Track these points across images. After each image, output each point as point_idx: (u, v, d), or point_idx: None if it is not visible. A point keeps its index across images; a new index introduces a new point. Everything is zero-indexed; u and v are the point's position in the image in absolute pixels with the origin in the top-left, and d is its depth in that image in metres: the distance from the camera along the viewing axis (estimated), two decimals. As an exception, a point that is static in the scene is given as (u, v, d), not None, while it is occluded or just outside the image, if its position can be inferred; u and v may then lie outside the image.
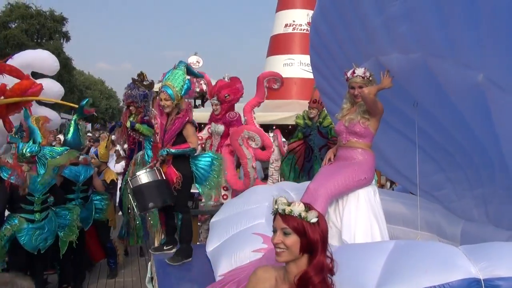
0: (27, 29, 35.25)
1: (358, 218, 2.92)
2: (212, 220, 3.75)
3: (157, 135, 3.70)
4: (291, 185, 4.29)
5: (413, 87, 3.12)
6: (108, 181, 5.50)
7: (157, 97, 3.67)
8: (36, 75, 6.23)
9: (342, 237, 2.91)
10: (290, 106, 9.99)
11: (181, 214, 3.61)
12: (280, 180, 5.57)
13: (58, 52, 35.69)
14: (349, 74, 3.03)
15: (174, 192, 3.48)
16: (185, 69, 3.70)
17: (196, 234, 4.76)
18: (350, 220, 2.92)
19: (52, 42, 36.28)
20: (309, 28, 11.27)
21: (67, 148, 4.34)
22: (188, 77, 3.69)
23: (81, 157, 4.79)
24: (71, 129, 4.71)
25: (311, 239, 1.56)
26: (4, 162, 4.07)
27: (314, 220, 1.57)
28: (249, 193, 3.93)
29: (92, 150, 6.48)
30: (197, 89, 12.73)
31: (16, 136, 4.44)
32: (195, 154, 3.64)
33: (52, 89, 6.09)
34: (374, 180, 3.27)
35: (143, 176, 3.52)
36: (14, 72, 4.74)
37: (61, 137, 8.66)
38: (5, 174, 3.90)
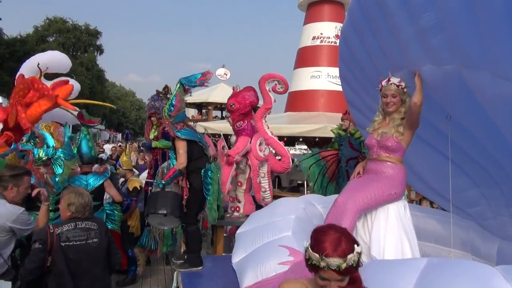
0: (64, 42, 36.78)
1: (388, 233, 2.83)
2: (238, 231, 3.73)
3: None
4: (317, 198, 4.23)
5: (446, 100, 3.04)
6: (130, 189, 5.61)
7: None
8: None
9: (371, 252, 2.83)
10: (317, 118, 9.93)
11: (188, 226, 3.71)
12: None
13: (92, 65, 37.12)
14: (384, 82, 2.98)
15: (184, 208, 3.63)
16: (180, 86, 3.87)
17: (221, 244, 4.76)
18: (379, 235, 2.84)
19: (87, 55, 37.72)
20: (337, 41, 11.29)
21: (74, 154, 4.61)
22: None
23: (95, 166, 4.92)
24: (83, 140, 4.83)
25: (355, 276, 1.62)
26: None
27: (359, 250, 1.58)
28: (275, 205, 3.90)
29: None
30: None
31: (29, 143, 4.78)
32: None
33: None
34: (404, 195, 3.18)
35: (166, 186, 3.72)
36: (44, 90, 4.90)
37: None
38: None
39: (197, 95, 19.28)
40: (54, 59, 7.08)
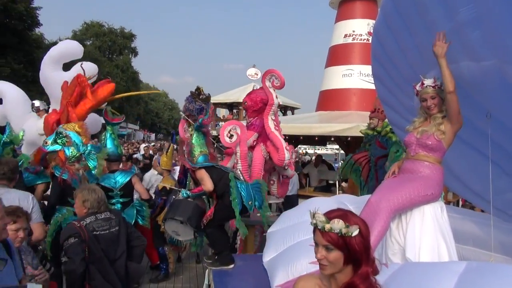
0: (100, 45, 38.02)
1: (424, 235, 2.74)
2: (269, 230, 3.74)
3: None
4: (350, 198, 4.16)
5: (485, 97, 2.91)
6: (159, 188, 5.79)
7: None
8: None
9: (405, 255, 2.75)
10: (349, 117, 9.77)
11: (206, 230, 3.78)
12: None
13: (127, 66, 38.22)
14: (418, 87, 2.88)
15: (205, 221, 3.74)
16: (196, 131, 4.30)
17: (252, 243, 4.78)
18: (415, 237, 2.75)
19: (122, 57, 38.84)
20: (369, 38, 11.05)
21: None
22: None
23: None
24: (108, 139, 4.95)
25: (354, 252, 1.56)
26: (57, 162, 4.50)
27: (356, 233, 1.55)
28: (306, 204, 3.87)
29: (156, 157, 6.86)
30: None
31: (56, 144, 4.80)
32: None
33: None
34: (441, 196, 3.07)
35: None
36: (85, 84, 5.15)
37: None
38: (57, 172, 4.36)
39: (228, 95, 19.48)
40: (68, 47, 7.57)
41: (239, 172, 4.60)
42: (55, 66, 7.51)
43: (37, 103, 8.06)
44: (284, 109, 21.10)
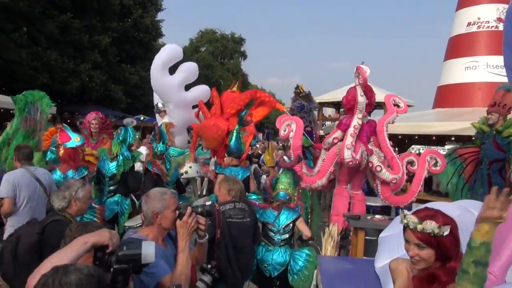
0: (213, 51, 40.64)
1: None
2: (381, 235, 3.54)
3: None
4: (476, 204, 3.72)
5: None
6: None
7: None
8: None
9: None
10: (471, 115, 8.74)
11: None
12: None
13: (237, 69, 40.17)
14: None
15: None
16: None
17: (362, 247, 4.60)
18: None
19: (232, 61, 40.98)
20: (499, 25, 9.76)
21: (186, 150, 5.33)
22: None
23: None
24: (233, 137, 5.40)
25: (446, 249, 1.66)
26: (151, 158, 5.43)
27: (447, 232, 1.63)
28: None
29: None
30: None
31: (152, 137, 5.90)
32: None
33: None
34: None
35: None
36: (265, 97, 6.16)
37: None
38: (150, 167, 5.29)
39: (335, 94, 19.06)
40: (172, 51, 8.40)
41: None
42: (163, 71, 8.37)
43: (160, 105, 9.04)
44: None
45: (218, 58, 40.38)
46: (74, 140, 4.87)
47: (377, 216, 4.88)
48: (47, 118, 5.76)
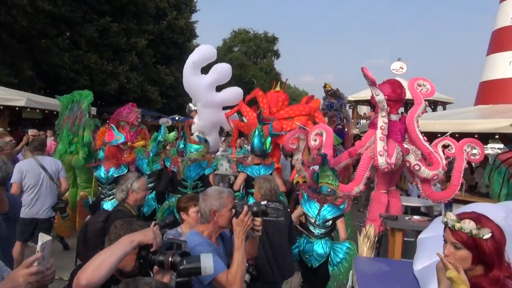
0: (246, 51, 40.78)
1: None
2: (420, 236, 3.42)
3: None
4: (522, 205, 3.51)
5: None
6: (300, 182, 6.14)
7: None
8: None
9: None
10: (518, 112, 8.32)
11: None
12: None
13: (270, 69, 40.13)
14: None
15: None
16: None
17: (399, 248, 4.48)
18: None
19: (265, 60, 40.99)
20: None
21: (201, 146, 5.41)
22: None
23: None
24: (256, 136, 5.56)
25: (484, 254, 1.58)
26: (169, 155, 5.49)
27: (487, 236, 1.57)
28: (464, 210, 3.41)
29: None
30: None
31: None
32: None
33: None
34: None
35: None
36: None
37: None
38: (168, 164, 5.30)
39: (370, 92, 18.65)
40: (206, 51, 8.51)
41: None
42: (195, 71, 8.51)
43: (190, 105, 9.30)
44: (434, 104, 19.30)
45: (251, 58, 40.50)
46: (116, 138, 5.21)
47: (416, 217, 4.73)
48: (86, 116, 6.02)
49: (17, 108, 11.18)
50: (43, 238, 1.50)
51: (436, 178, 4.73)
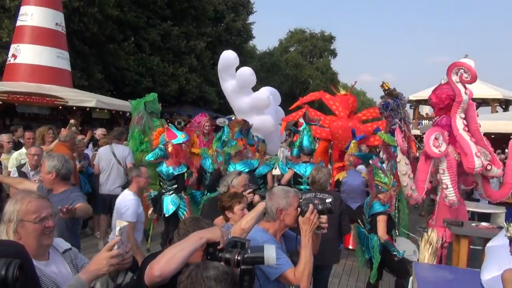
0: (302, 50, 40.48)
1: None
2: (489, 244, 3.22)
3: None
4: None
5: None
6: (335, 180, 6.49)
7: None
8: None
9: None
10: None
11: None
12: None
13: (326, 68, 39.52)
14: None
15: None
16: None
17: (465, 256, 4.24)
18: None
19: (322, 60, 40.43)
20: None
21: (236, 142, 5.66)
22: None
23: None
24: (305, 135, 5.89)
25: None
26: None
27: None
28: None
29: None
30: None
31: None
32: None
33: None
34: None
35: None
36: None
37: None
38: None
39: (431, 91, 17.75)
40: (225, 58, 9.10)
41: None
42: (226, 77, 8.67)
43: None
44: (506, 104, 17.99)
45: (307, 57, 40.15)
46: (180, 137, 5.54)
47: (483, 224, 4.46)
48: (148, 117, 6.53)
49: (87, 109, 12.09)
50: (120, 223, 1.63)
51: (500, 176, 4.67)
